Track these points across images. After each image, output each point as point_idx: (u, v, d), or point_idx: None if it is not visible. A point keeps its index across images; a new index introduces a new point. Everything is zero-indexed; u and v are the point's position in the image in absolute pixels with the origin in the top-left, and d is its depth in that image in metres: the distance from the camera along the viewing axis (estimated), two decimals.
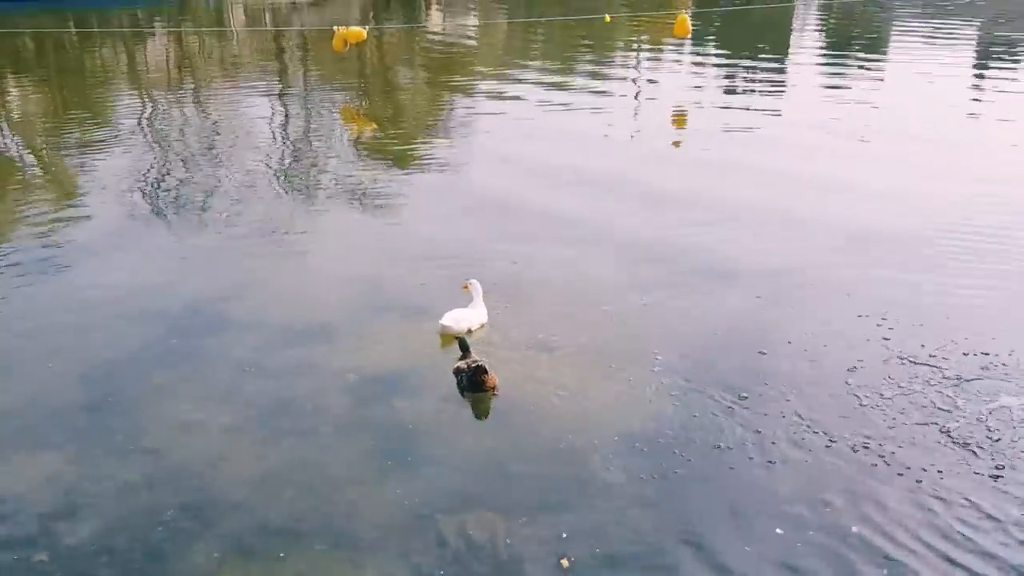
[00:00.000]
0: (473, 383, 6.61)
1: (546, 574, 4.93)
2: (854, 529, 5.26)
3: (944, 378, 6.88)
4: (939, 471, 5.76)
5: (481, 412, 6.57)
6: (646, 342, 7.60)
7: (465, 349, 6.99)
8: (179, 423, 6.47)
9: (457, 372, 6.81)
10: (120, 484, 5.79)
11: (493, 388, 6.66)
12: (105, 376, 7.15)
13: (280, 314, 8.25)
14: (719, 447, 6.08)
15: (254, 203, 11.84)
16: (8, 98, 21.71)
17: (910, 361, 7.17)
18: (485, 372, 6.59)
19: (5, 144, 16.77)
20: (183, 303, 8.47)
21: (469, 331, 7.73)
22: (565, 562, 4.98)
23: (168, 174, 13.64)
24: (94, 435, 6.36)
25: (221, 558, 5.09)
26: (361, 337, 7.75)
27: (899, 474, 5.76)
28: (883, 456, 5.94)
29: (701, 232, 10.42)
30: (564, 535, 5.24)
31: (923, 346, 7.40)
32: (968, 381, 6.83)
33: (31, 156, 15.68)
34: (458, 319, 7.73)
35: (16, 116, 19.49)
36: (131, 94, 21.68)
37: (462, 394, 6.74)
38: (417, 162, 14.32)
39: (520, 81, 21.76)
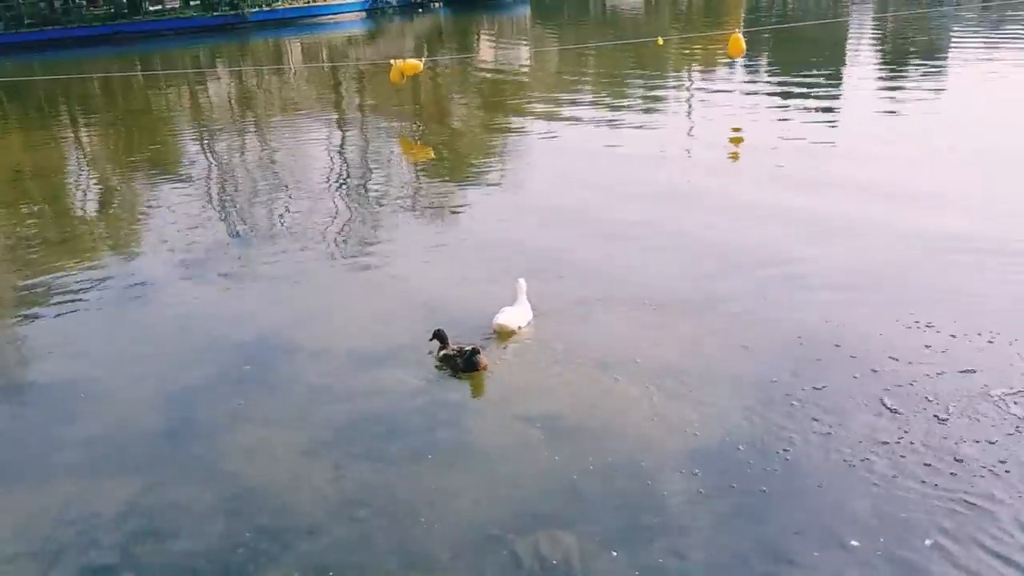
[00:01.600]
0: (470, 363, 7.49)
1: None
2: (927, 543, 5.18)
3: None
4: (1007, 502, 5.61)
5: (550, 430, 6.60)
6: (718, 352, 7.59)
7: (444, 340, 7.81)
8: (254, 447, 6.64)
9: (448, 358, 7.63)
10: (200, 508, 5.96)
11: (485, 367, 7.55)
12: (182, 403, 7.37)
13: (349, 338, 8.41)
14: (795, 462, 6.02)
15: (321, 231, 12.12)
16: (82, 138, 22.62)
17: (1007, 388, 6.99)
18: (478, 352, 7.51)
19: (81, 181, 17.44)
20: (255, 330, 8.70)
21: (520, 328, 8.25)
22: None
23: (235, 206, 14.09)
24: (174, 460, 6.57)
25: None
26: (426, 361, 7.86)
27: (983, 498, 5.63)
28: (962, 476, 5.81)
29: (773, 240, 10.37)
30: (637, 552, 5.24)
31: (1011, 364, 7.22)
32: None
33: (105, 193, 16.29)
34: (512, 317, 8.25)
35: (91, 154, 20.30)
36: (197, 131, 22.39)
37: (455, 374, 7.54)
38: (478, 184, 14.53)
39: (574, 105, 21.92)
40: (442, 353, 7.73)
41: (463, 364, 7.53)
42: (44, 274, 11.01)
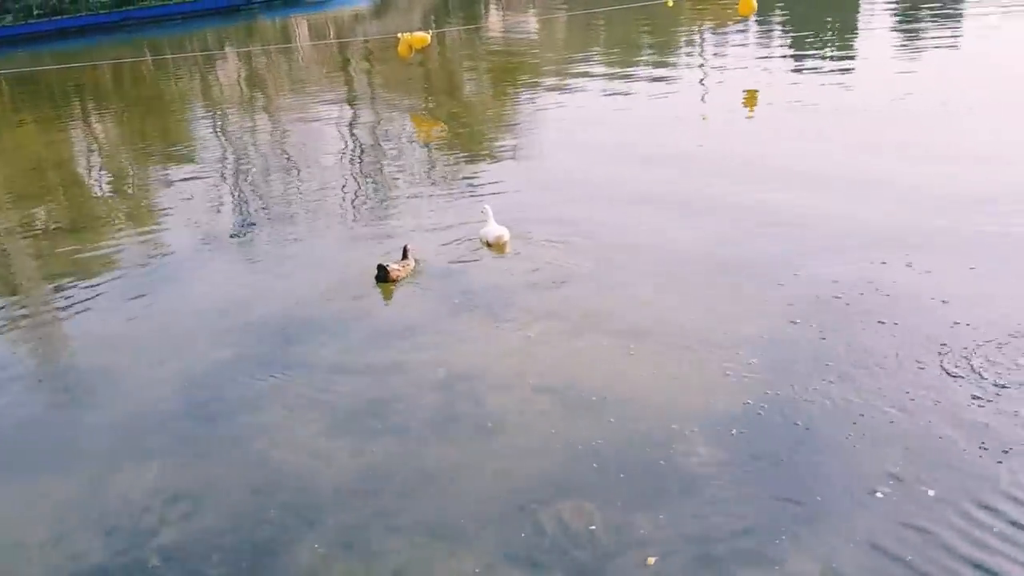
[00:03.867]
0: (381, 272, 8.81)
1: (641, 561, 4.92)
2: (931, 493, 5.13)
3: None
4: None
5: (570, 401, 6.58)
6: (732, 318, 7.52)
7: (404, 255, 9.15)
8: (277, 426, 6.67)
9: (380, 267, 8.86)
10: (225, 487, 6.01)
11: (395, 279, 8.87)
12: (203, 386, 7.41)
13: (367, 315, 8.43)
14: (810, 427, 5.97)
15: (338, 209, 12.13)
16: (95, 126, 22.67)
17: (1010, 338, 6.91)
18: (387, 267, 8.82)
19: (97, 169, 17.51)
20: (271, 312, 8.71)
21: (504, 240, 9.60)
22: (651, 560, 4.92)
23: (252, 186, 14.09)
24: (197, 442, 6.62)
25: (326, 552, 5.24)
26: (444, 333, 7.85)
27: (997, 450, 5.57)
28: (977, 433, 5.75)
29: (791, 203, 10.23)
30: (661, 518, 5.23)
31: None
32: None
33: (119, 179, 16.34)
34: (499, 229, 9.66)
35: (105, 142, 20.36)
36: (207, 114, 22.38)
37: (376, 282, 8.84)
38: (494, 156, 14.44)
39: (585, 72, 21.65)
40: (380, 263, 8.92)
41: (377, 273, 8.78)
42: (65, 260, 11.09)
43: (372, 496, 5.73)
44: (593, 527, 5.21)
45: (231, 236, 11.42)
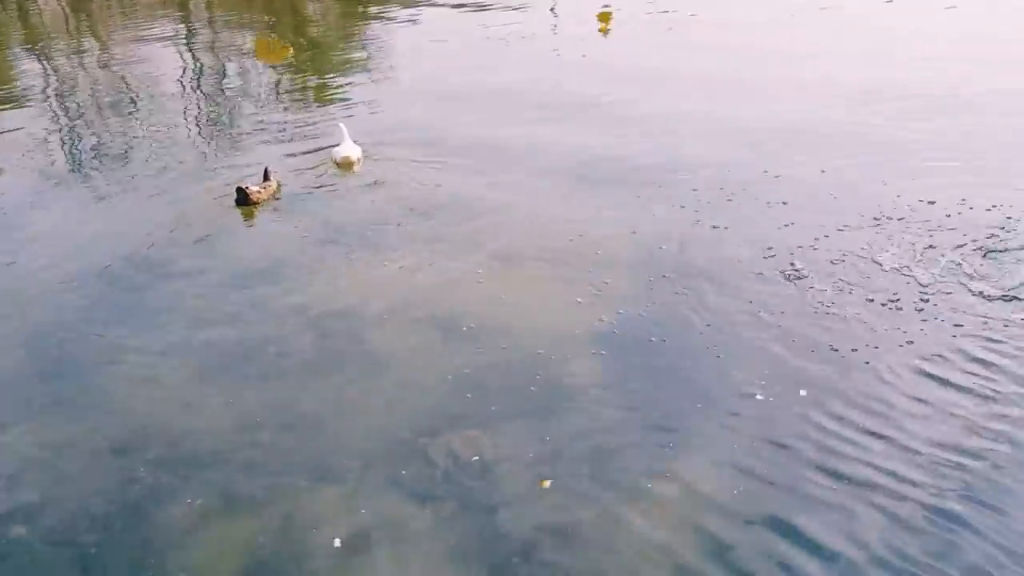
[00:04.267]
0: (240, 195, 8.65)
1: (533, 478, 4.94)
2: (803, 393, 5.45)
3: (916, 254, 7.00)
4: (876, 346, 5.89)
5: (448, 330, 6.47)
6: (597, 246, 7.56)
7: (266, 176, 8.98)
8: (138, 379, 6.24)
9: (239, 190, 8.70)
10: (86, 449, 5.58)
11: (257, 201, 8.73)
12: (53, 342, 6.81)
13: (226, 256, 7.96)
14: (682, 340, 6.13)
15: (181, 139, 11.35)
16: None
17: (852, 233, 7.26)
18: (246, 189, 8.67)
19: None
20: (119, 256, 8.06)
21: (358, 159, 9.52)
22: (546, 483, 4.94)
23: (85, 122, 12.92)
24: (50, 403, 6.09)
25: (204, 508, 4.97)
26: (313, 271, 7.53)
27: (848, 349, 5.88)
28: (832, 333, 6.06)
29: (643, 137, 10.21)
30: (547, 439, 5.26)
31: (878, 227, 7.49)
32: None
33: None
34: (351, 149, 9.54)
35: None
36: (29, 47, 20.33)
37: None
38: (342, 73, 13.93)
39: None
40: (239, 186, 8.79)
41: (237, 197, 8.64)
42: None
43: (249, 445, 5.46)
44: (481, 456, 5.16)
45: (71, 173, 10.50)
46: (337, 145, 9.67)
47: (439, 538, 4.62)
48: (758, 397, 5.46)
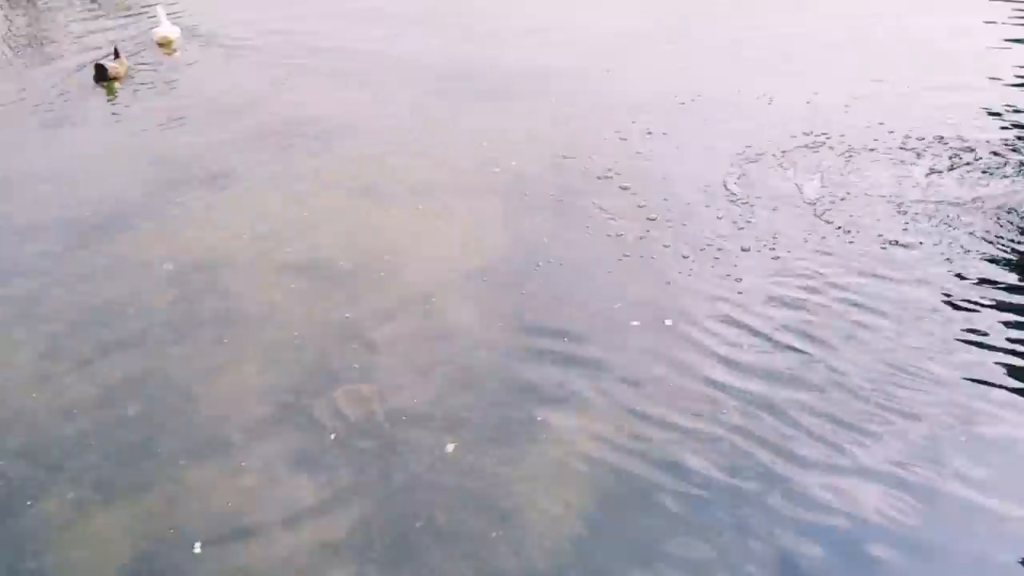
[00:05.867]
0: (99, 71, 9.22)
1: (433, 438, 4.84)
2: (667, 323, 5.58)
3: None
4: (735, 266, 6.06)
5: (319, 278, 6.18)
6: (470, 170, 7.39)
7: (116, 54, 9.59)
8: None
9: (97, 67, 9.28)
10: None
11: (117, 77, 9.34)
12: None
13: (62, 207, 7.25)
14: (563, 262, 6.15)
15: None
16: None
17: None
18: (104, 65, 9.29)
19: None
20: None
21: (176, 39, 10.42)
22: (449, 447, 4.80)
23: None
24: None
25: (78, 499, 4.60)
26: (164, 220, 6.98)
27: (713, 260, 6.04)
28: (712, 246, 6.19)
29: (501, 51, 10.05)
30: (435, 379, 5.19)
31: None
32: None
33: None
34: (170, 29, 10.43)
35: None
36: None
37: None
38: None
39: None
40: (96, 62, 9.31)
41: (96, 73, 9.19)
42: None
43: (117, 423, 5.05)
44: (372, 413, 5.01)
45: None
46: (157, 26, 10.49)
47: (338, 511, 4.43)
48: (667, 323, 5.56)
